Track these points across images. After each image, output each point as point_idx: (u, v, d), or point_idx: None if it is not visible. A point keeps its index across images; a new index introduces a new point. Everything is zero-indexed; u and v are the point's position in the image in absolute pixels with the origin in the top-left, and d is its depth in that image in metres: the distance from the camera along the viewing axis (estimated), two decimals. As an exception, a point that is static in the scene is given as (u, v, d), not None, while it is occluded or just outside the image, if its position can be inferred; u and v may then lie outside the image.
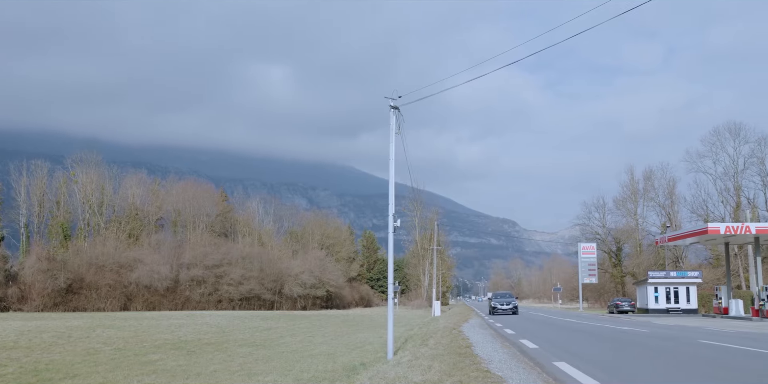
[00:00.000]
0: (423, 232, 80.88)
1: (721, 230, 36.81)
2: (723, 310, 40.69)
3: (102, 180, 67.68)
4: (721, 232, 36.80)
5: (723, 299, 41.31)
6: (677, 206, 72.31)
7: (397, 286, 70.10)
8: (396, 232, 14.86)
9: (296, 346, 20.34)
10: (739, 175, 65.37)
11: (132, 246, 64.48)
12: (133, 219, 68.29)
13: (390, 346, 14.13)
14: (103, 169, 69.35)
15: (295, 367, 14.24)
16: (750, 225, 37.03)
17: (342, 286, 78.87)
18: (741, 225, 36.95)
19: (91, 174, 66.16)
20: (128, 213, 68.45)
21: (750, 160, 65.14)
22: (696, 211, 68.51)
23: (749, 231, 36.24)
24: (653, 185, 74.27)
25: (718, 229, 37.11)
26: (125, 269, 59.16)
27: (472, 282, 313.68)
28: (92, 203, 65.86)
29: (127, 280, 58.54)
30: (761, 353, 12.90)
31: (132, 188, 69.53)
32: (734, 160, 65.60)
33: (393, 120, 14.81)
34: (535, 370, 9.78)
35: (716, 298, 42.53)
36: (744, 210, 57.31)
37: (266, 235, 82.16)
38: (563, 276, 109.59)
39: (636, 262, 71.57)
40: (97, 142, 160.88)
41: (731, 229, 36.54)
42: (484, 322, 28.84)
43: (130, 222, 67.85)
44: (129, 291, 58.82)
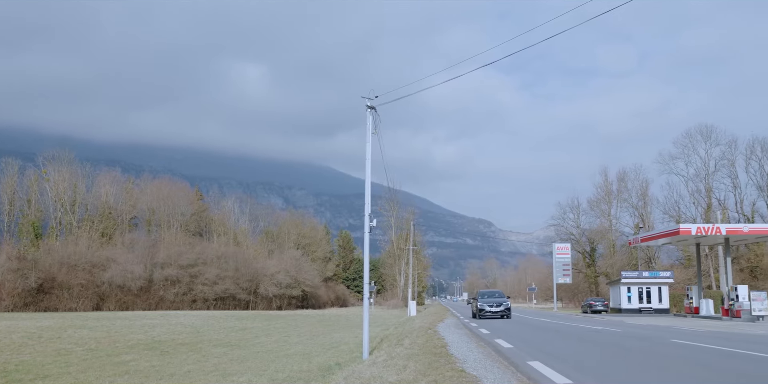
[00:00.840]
0: (399, 232, 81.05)
1: (692, 231, 37.35)
2: (694, 310, 41.28)
3: (74, 178, 66.70)
4: (692, 233, 37.34)
5: (694, 299, 41.92)
6: (650, 207, 73.31)
7: (372, 285, 70.10)
8: (372, 232, 14.86)
9: (271, 346, 20.25)
10: (710, 176, 66.46)
11: (105, 245, 63.70)
12: (106, 218, 67.48)
13: (365, 345, 14.13)
14: (76, 167, 68.33)
15: (270, 367, 14.17)
16: (720, 226, 37.63)
17: (318, 285, 78.69)
18: (712, 226, 37.53)
19: (63, 172, 65.20)
20: (101, 212, 67.59)
21: (721, 162, 66.29)
22: (668, 212, 69.50)
23: (720, 232, 36.83)
24: (627, 186, 75.24)
25: (689, 230, 37.65)
26: (98, 269, 58.38)
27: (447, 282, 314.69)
28: (64, 202, 64.93)
29: (100, 280, 57.78)
30: (732, 352, 13.12)
31: (105, 186, 68.67)
32: (705, 162, 66.69)
33: (369, 120, 14.80)
34: (510, 370, 9.85)
35: (687, 298, 43.15)
36: (715, 211, 58.29)
37: (242, 234, 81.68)
38: (538, 276, 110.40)
39: (609, 262, 72.36)
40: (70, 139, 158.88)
41: (702, 230, 37.09)
42: (459, 322, 28.96)
43: (103, 221, 67.03)
44: (102, 291, 58.06)
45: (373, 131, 14.80)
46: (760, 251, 60.27)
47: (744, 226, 40.24)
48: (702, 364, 11.03)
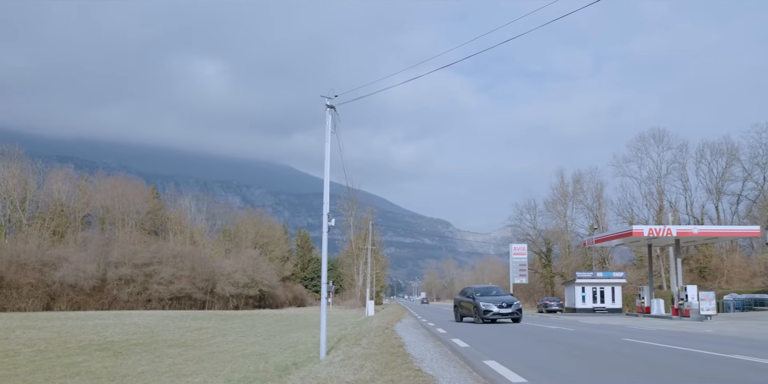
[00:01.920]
0: (358, 232, 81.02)
1: (644, 233, 38.15)
2: (645, 309, 42.21)
3: (25, 174, 64.89)
4: (644, 234, 38.15)
5: (645, 299, 42.87)
6: (604, 209, 74.79)
7: (331, 285, 69.97)
8: (330, 232, 14.83)
9: (228, 346, 20.05)
10: (662, 179, 68.15)
11: (56, 243, 62.19)
12: (58, 215, 65.86)
13: (323, 345, 14.11)
14: (26, 163, 66.47)
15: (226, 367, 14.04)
16: (671, 228, 38.54)
17: (275, 285, 78.21)
18: (663, 228, 38.41)
19: (12, 168, 63.37)
20: (53, 209, 65.92)
21: (672, 165, 68.04)
22: (622, 213, 71.02)
23: (670, 233, 37.73)
24: (582, 188, 76.58)
25: (641, 231, 38.46)
26: (48, 268, 56.95)
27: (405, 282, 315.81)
28: (14, 199, 63.15)
29: (51, 279, 56.37)
30: (680, 350, 13.46)
31: (57, 183, 66.98)
32: (658, 165, 68.36)
33: (329, 119, 14.78)
34: (466, 369, 9.93)
35: (639, 298, 44.10)
36: (666, 213, 59.70)
37: (198, 233, 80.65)
38: (495, 276, 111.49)
39: (565, 262, 73.51)
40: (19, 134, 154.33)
41: (654, 231, 37.94)
42: (417, 322, 29.08)
43: (54, 219, 65.40)
44: (52, 290, 56.66)
45: (333, 131, 14.78)
46: (709, 252, 61.98)
47: (694, 228, 41.29)
48: (652, 361, 11.29)
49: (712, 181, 66.14)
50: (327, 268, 15.30)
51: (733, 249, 63.13)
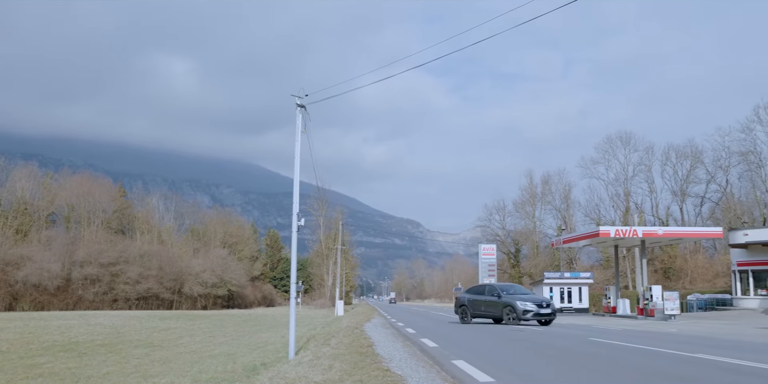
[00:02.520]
0: (327, 232, 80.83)
1: (611, 233, 38.66)
2: (612, 309, 42.80)
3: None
4: (611, 235, 38.66)
5: (612, 299, 43.49)
6: (572, 210, 75.78)
7: (300, 285, 69.70)
8: (300, 232, 14.78)
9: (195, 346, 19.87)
10: (629, 181, 69.32)
11: (20, 242, 60.97)
12: (21, 214, 64.54)
13: (291, 345, 14.04)
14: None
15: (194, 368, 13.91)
16: (637, 229, 39.11)
17: (244, 285, 77.69)
18: (629, 229, 38.97)
19: (-26, 165, 62.09)
20: (16, 207, 64.58)
21: (638, 167, 69.27)
22: (589, 214, 72.05)
23: (636, 234, 38.29)
24: (551, 189, 77.51)
25: (608, 232, 38.96)
26: (11, 267, 55.83)
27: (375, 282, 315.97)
28: (-24, 196, 61.82)
29: (13, 279, 55.28)
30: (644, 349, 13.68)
31: (21, 181, 65.63)
32: (624, 167, 69.51)
33: (299, 118, 14.72)
34: (435, 369, 9.97)
35: (606, 298, 44.71)
36: (632, 214, 60.62)
37: (166, 232, 79.74)
38: (464, 276, 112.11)
39: (533, 263, 74.24)
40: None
41: (620, 232, 38.47)
42: (386, 322, 29.11)
43: (18, 217, 64.08)
44: (15, 290, 55.56)
45: (303, 130, 14.72)
46: (673, 253, 63.12)
47: (659, 229, 41.95)
48: (618, 361, 11.46)
49: (676, 183, 67.46)
50: (296, 267, 15.24)
51: (697, 250, 64.39)
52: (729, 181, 64.21)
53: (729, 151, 62.78)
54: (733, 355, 12.18)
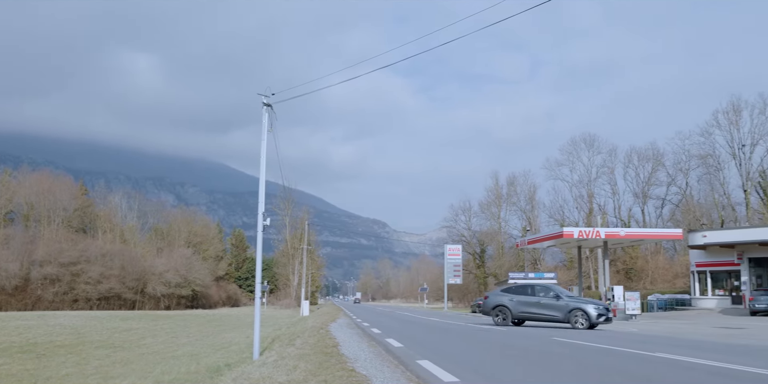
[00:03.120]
0: (293, 232, 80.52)
1: (574, 234, 39.17)
2: (574, 309, 43.30)
3: (-57, 168, 61.93)
4: (574, 236, 39.16)
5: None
6: (537, 211, 76.64)
7: (265, 285, 69.27)
8: (266, 231, 14.69)
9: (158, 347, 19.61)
10: (592, 183, 70.38)
11: (-24, 241, 59.49)
12: (-22, 212, 63.04)
13: (256, 346, 13.95)
14: (-55, 156, 63.47)
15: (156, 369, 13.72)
16: (600, 230, 39.71)
17: (209, 285, 76.91)
18: (592, 230, 39.54)
19: (-70, 161, 60.40)
20: (-27, 205, 63.06)
21: (602, 169, 70.38)
22: (553, 215, 72.97)
23: (599, 235, 38.87)
24: (516, 190, 78.25)
25: (572, 233, 39.46)
26: (-33, 266, 54.47)
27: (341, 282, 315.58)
28: (-69, 194, 60.15)
29: (-30, 278, 53.94)
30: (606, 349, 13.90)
31: (-22, 178, 64.13)
32: (588, 169, 70.57)
33: (265, 117, 14.64)
34: (399, 369, 9.99)
35: (569, 298, 45.24)
36: (595, 216, 61.51)
37: (129, 231, 78.53)
38: (430, 276, 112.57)
39: (498, 263, 74.83)
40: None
41: (584, 233, 39.00)
42: (352, 322, 29.09)
43: (-25, 215, 62.58)
44: (-29, 290, 54.23)
45: (269, 129, 14.64)
46: (635, 254, 64.24)
47: (621, 231, 42.66)
48: (580, 360, 11.62)
49: (638, 186, 68.72)
50: (262, 267, 15.14)
51: (658, 251, 65.65)
52: (689, 183, 65.68)
53: (689, 155, 64.21)
54: (693, 354, 12.45)
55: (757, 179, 58.13)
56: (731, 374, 9.40)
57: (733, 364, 10.53)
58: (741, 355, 12.40)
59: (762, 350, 14.03)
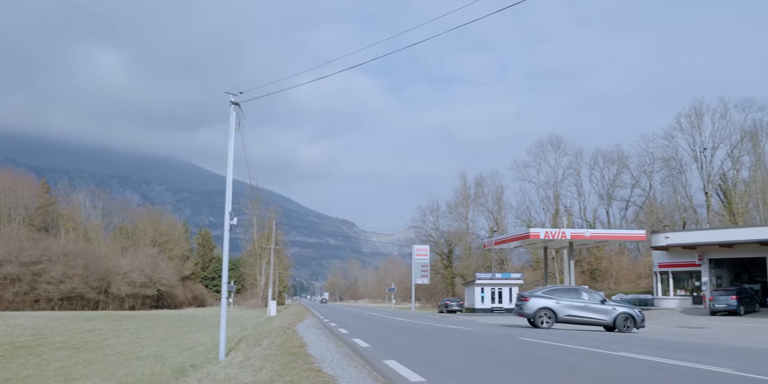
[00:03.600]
0: (261, 231, 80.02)
1: (540, 235, 39.66)
2: (540, 309, 43.79)
3: None
4: (541, 237, 39.66)
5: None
6: (504, 212, 77.33)
7: (232, 285, 68.72)
8: (233, 231, 14.59)
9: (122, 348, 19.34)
10: (559, 184, 71.29)
11: (-67, 240, 57.99)
12: (-64, 210, 61.43)
13: (222, 346, 13.85)
14: None
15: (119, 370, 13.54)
16: (566, 231, 40.26)
17: (174, 285, 75.99)
18: (558, 231, 40.08)
19: None
20: (-70, 203, 61.43)
21: (568, 171, 71.34)
22: (520, 216, 73.70)
23: (565, 236, 39.40)
24: (483, 191, 78.86)
25: (538, 234, 39.96)
26: (-76, 265, 53.03)
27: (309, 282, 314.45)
28: None
29: (-74, 278, 52.51)
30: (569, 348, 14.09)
31: (-64, 176, 62.50)
32: (554, 171, 71.47)
33: (233, 116, 14.56)
34: (366, 369, 10.01)
35: (535, 298, 45.73)
36: (561, 217, 62.36)
37: (93, 230, 77.22)
38: (398, 276, 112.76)
39: (465, 263, 75.32)
40: None
41: (550, 234, 39.51)
42: (319, 322, 29.03)
43: (-68, 213, 60.96)
44: (-73, 290, 52.79)
45: (237, 128, 14.56)
46: (600, 255, 65.19)
47: (586, 232, 43.32)
48: (545, 359, 11.76)
49: (603, 187, 69.78)
50: (228, 267, 15.04)
51: (622, 252, 66.74)
52: (652, 185, 66.89)
53: (652, 157, 65.42)
54: (658, 354, 12.68)
55: (718, 182, 59.45)
56: (699, 374, 9.61)
57: (698, 363, 10.76)
58: (705, 355, 12.68)
59: (724, 350, 14.36)
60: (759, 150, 58.35)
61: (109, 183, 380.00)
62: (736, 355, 12.74)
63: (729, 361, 11.42)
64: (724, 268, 42.70)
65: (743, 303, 35.05)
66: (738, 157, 58.87)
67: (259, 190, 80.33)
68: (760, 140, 58.44)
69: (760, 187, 56.97)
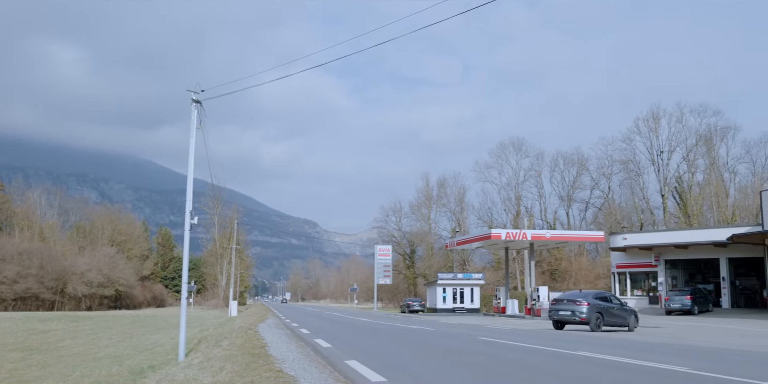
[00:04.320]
0: (222, 231, 79.20)
1: (502, 236, 40.03)
2: (501, 309, 44.29)
3: None
4: (502, 237, 40.03)
5: (501, 299, 45.02)
6: (466, 212, 77.89)
7: (192, 285, 67.85)
8: (194, 230, 14.43)
9: (78, 349, 18.96)
10: (520, 186, 72.09)
11: None
12: None
13: (182, 347, 13.68)
14: None
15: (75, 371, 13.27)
16: (526, 232, 40.71)
17: (133, 285, 74.76)
18: (519, 232, 40.52)
19: None
20: None
21: (529, 173, 72.21)
22: (482, 217, 74.33)
23: (526, 237, 39.85)
24: (446, 192, 79.31)
25: (499, 234, 40.33)
26: None
27: (271, 282, 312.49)
28: None
29: None
30: (530, 348, 14.28)
31: None
32: (516, 172, 72.27)
33: (194, 114, 14.39)
34: (328, 369, 10.01)
35: (496, 298, 46.22)
36: (522, 218, 63.05)
37: (49, 229, 75.49)
38: (360, 277, 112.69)
39: (428, 264, 75.63)
40: None
41: (511, 235, 39.92)
42: (280, 322, 28.88)
43: None
44: None
45: (198, 126, 14.40)
46: (560, 256, 66.11)
47: (546, 233, 43.83)
48: (505, 359, 11.90)
49: (564, 189, 70.83)
50: (189, 267, 14.88)
51: (581, 253, 67.77)
52: (611, 187, 68.12)
53: (611, 160, 66.63)
54: (616, 353, 12.92)
55: (674, 184, 60.83)
56: (657, 373, 9.82)
57: (656, 362, 11.00)
58: (662, 354, 12.97)
59: (680, 349, 14.70)
60: (713, 154, 59.87)
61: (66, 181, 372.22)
62: (692, 354, 13.06)
63: (685, 359, 11.70)
64: (679, 269, 43.70)
65: (697, 303, 35.91)
66: (693, 161, 60.33)
67: (220, 189, 79.58)
68: (715, 144, 59.98)
69: (714, 189, 58.44)
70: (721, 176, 59.74)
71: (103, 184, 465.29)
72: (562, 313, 23.86)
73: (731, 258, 39.74)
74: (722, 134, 60.08)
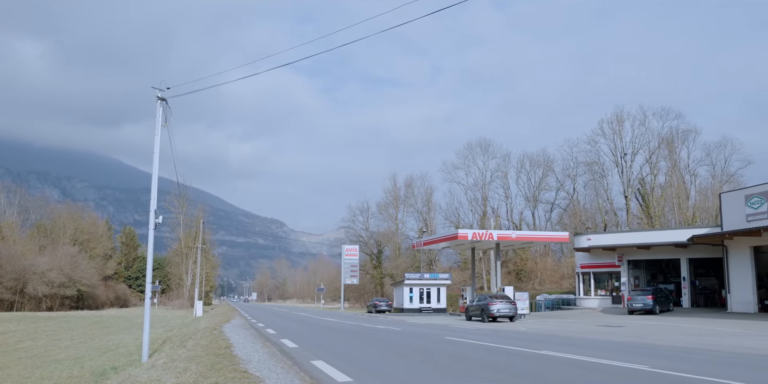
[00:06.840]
0: (188, 230, 78.39)
1: (468, 236, 40.25)
2: (467, 309, 44.51)
3: None
4: (468, 238, 40.24)
5: (468, 299, 45.25)
6: (433, 213, 78.20)
7: (157, 285, 67.04)
8: (158, 229, 14.26)
9: (38, 350, 18.59)
10: (487, 186, 72.61)
11: None
12: None
13: (145, 348, 13.50)
14: None
15: (35, 373, 13.01)
16: (493, 232, 40.98)
17: (96, 285, 73.49)
18: (485, 232, 40.77)
19: None
20: None
21: (496, 173, 72.79)
22: (449, 218, 74.69)
23: (492, 237, 40.13)
24: (413, 192, 79.57)
25: (466, 235, 40.53)
26: None
27: (237, 282, 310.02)
28: None
29: None
30: (494, 347, 14.40)
31: None
32: (483, 173, 72.77)
33: (160, 112, 14.22)
34: (294, 369, 9.97)
35: (462, 298, 46.44)
36: (489, 218, 63.56)
37: (8, 228, 73.80)
38: (327, 277, 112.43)
39: (395, 264, 75.76)
40: None
41: (477, 235, 40.16)
42: (246, 323, 28.67)
43: None
44: None
45: (163, 124, 14.23)
46: (525, 256, 66.77)
47: (512, 233, 44.17)
48: (471, 358, 11.98)
49: (530, 190, 71.55)
50: (153, 267, 14.67)
51: (546, 253, 68.55)
52: (576, 189, 69.04)
53: (576, 161, 67.54)
54: (578, 351, 13.10)
55: (637, 186, 61.88)
56: (617, 371, 9.98)
57: (617, 361, 11.18)
58: (623, 353, 13.18)
59: (641, 347, 14.95)
60: (675, 156, 61.06)
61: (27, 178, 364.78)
62: (652, 353, 13.30)
63: (645, 358, 11.91)
64: (641, 269, 44.47)
65: (659, 302, 36.56)
66: (655, 163, 61.45)
67: (186, 188, 78.73)
68: (676, 147, 61.19)
69: (676, 191, 59.62)
70: (683, 178, 60.97)
71: (66, 183, 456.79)
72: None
73: (692, 258, 40.58)
74: (683, 137, 61.36)
